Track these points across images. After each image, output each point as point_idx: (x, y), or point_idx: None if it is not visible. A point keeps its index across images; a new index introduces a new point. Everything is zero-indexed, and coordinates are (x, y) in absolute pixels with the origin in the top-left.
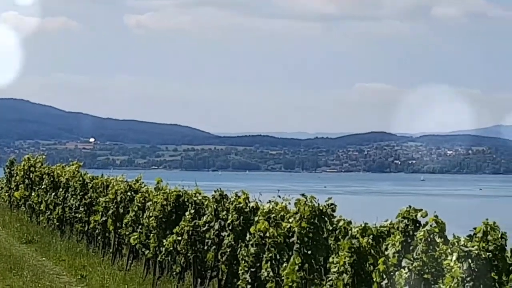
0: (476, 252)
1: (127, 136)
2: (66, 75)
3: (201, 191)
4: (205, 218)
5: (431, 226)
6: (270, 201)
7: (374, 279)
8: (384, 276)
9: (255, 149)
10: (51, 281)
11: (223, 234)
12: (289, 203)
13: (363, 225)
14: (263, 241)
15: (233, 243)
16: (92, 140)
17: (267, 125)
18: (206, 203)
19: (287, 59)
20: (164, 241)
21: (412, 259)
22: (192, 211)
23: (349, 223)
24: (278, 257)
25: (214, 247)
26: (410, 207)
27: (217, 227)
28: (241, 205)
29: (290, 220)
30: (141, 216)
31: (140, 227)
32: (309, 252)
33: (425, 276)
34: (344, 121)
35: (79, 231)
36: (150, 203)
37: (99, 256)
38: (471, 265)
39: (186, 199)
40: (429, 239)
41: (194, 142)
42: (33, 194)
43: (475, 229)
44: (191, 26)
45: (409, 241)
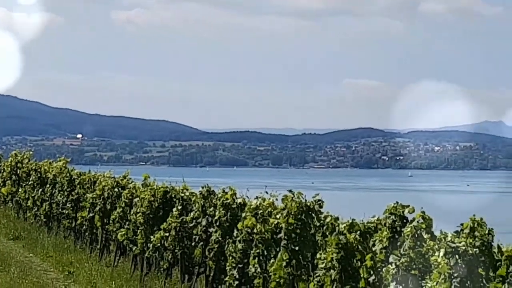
0: (463, 248)
1: (115, 132)
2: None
3: (189, 187)
4: (192, 214)
5: (418, 222)
6: (257, 197)
7: (361, 275)
8: (371, 272)
9: (242, 145)
10: (38, 277)
11: (211, 230)
12: (277, 199)
13: (350, 221)
14: (251, 237)
15: (220, 239)
16: (79, 136)
17: (254, 121)
18: (193, 199)
19: (276, 55)
20: (151, 237)
21: (399, 255)
22: (179, 207)
23: (337, 219)
24: (265, 253)
25: (201, 243)
26: (397, 203)
27: (204, 223)
28: (229, 201)
29: (277, 216)
30: (128, 212)
31: (127, 223)
32: (297, 248)
33: (413, 272)
34: (332, 117)
35: (66, 227)
36: (137, 199)
37: (87, 252)
38: (458, 261)
39: (173, 195)
40: (416, 235)
41: (181, 138)
42: (20, 190)
43: (462, 225)
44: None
45: (396, 237)
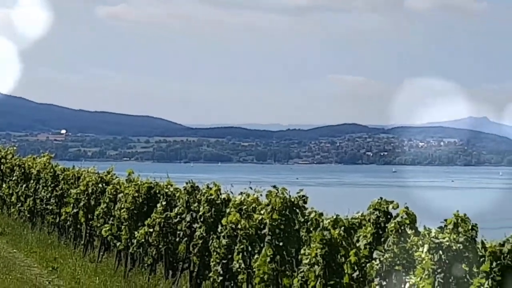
0: (447, 243)
1: (99, 127)
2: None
3: (173, 183)
4: (176, 210)
5: (402, 217)
6: (241, 193)
7: (345, 271)
8: (355, 267)
9: (227, 140)
10: (22, 273)
11: (195, 226)
12: (261, 195)
13: (334, 217)
14: (235, 233)
15: (204, 235)
16: (63, 131)
17: (239, 117)
18: (177, 195)
19: (260, 51)
20: (135, 233)
21: (383, 250)
22: (163, 203)
23: (321, 214)
24: (249, 249)
25: (185, 239)
26: (381, 199)
27: (188, 219)
28: (213, 197)
29: (261, 212)
30: (112, 208)
31: (111, 219)
32: (281, 243)
33: (396, 267)
34: (316, 113)
35: (50, 223)
36: (121, 195)
37: (71, 248)
38: (442, 256)
39: (157, 191)
40: (400, 231)
41: (166, 133)
42: (4, 185)
43: (446, 220)
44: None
45: (381, 232)
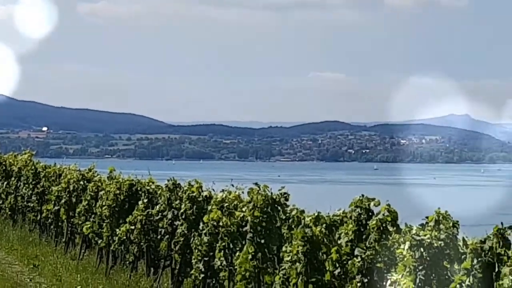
0: (428, 241)
1: (81, 125)
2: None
3: (155, 180)
4: (158, 207)
5: (383, 215)
6: (223, 190)
7: (327, 268)
8: (337, 265)
9: (209, 138)
10: (3, 270)
11: (176, 223)
12: (243, 192)
13: (316, 214)
14: (216, 230)
15: (186, 232)
16: (45, 129)
17: (221, 114)
18: (159, 192)
19: (242, 48)
20: (117, 230)
21: (364, 248)
22: (145, 200)
23: (302, 212)
24: (231, 246)
25: (167, 236)
26: (363, 196)
27: (170, 216)
28: (194, 194)
29: (243, 209)
30: (94, 205)
31: (93, 216)
32: (262, 241)
33: (378, 264)
34: (298, 110)
35: (32, 220)
36: (103, 192)
37: (52, 245)
38: (423, 253)
39: (139, 188)
40: (381, 228)
41: (147, 131)
42: None
43: (427, 218)
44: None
45: (362, 230)
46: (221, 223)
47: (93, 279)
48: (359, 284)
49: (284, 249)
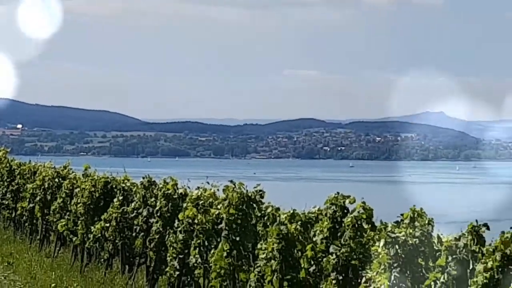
0: (403, 238)
1: (56, 122)
2: None
3: (130, 178)
4: (133, 204)
5: (359, 212)
6: (198, 188)
7: (302, 265)
8: (312, 262)
9: (184, 135)
10: None
11: (152, 220)
12: (218, 190)
13: (291, 212)
14: (192, 228)
15: (161, 229)
16: (19, 126)
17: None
18: (134, 190)
19: (217, 45)
20: (92, 228)
21: (340, 245)
22: (120, 198)
23: (278, 209)
24: (206, 244)
25: (142, 234)
26: (338, 193)
27: (145, 213)
28: (170, 192)
29: (218, 206)
30: (69, 202)
31: (68, 213)
32: (238, 238)
33: (353, 262)
34: (273, 108)
35: (6, 218)
36: (78, 189)
37: (27, 243)
38: (398, 251)
39: (114, 186)
40: (356, 225)
41: (123, 128)
42: None
43: (402, 215)
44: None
45: (337, 227)
46: (196, 221)
47: (68, 276)
48: (334, 281)
49: (259, 246)
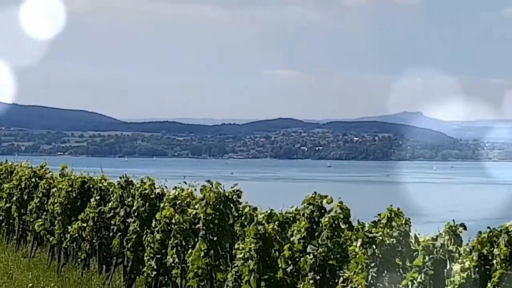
0: (380, 238)
1: (33, 122)
2: None
3: (107, 178)
4: (110, 204)
5: (336, 212)
6: (176, 188)
7: (279, 265)
8: (289, 262)
9: (162, 135)
10: None
11: (129, 220)
12: (195, 190)
13: (268, 212)
14: (169, 228)
15: (138, 229)
16: None
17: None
18: (111, 190)
19: (194, 45)
20: (69, 227)
21: (317, 245)
22: (97, 198)
23: (255, 209)
24: (183, 244)
25: (119, 234)
26: (315, 193)
27: (122, 213)
28: (147, 192)
29: (196, 206)
30: (45, 202)
31: (44, 213)
32: (215, 238)
33: (330, 262)
34: (251, 108)
35: None
36: (55, 189)
37: (3, 243)
38: (376, 251)
39: (91, 186)
40: (334, 225)
41: (100, 128)
42: None
43: (379, 215)
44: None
45: (315, 227)
46: (173, 221)
47: (45, 276)
48: (311, 281)
49: (236, 246)
